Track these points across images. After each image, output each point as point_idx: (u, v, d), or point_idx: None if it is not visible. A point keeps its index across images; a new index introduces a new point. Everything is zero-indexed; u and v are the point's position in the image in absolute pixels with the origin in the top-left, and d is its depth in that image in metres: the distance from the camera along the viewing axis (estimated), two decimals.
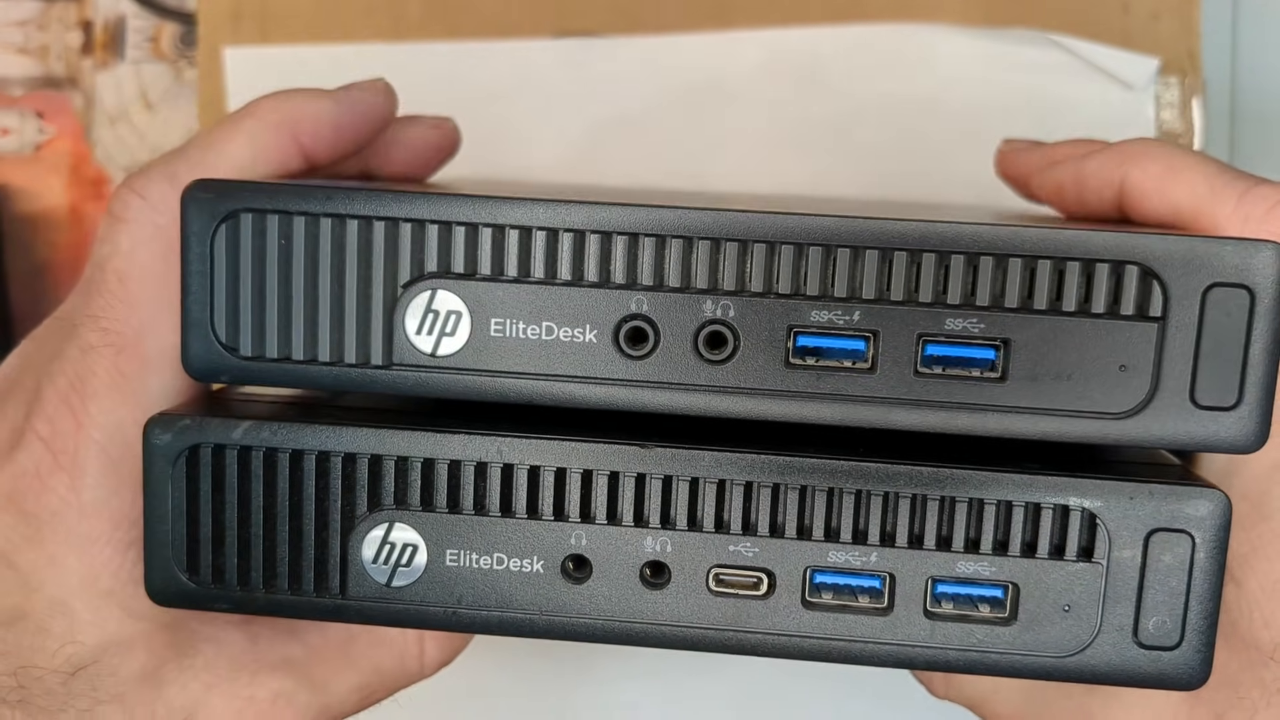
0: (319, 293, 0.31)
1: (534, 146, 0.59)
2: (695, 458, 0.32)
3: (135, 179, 0.34)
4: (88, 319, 0.34)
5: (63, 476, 0.34)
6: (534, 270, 0.31)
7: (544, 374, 0.31)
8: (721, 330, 0.31)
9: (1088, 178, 0.37)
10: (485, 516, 0.32)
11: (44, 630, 0.34)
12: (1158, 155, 0.35)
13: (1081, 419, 0.30)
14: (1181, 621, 0.31)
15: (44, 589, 0.34)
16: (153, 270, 0.34)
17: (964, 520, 0.31)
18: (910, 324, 0.30)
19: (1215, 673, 0.33)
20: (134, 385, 0.34)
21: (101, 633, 0.34)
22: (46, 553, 0.34)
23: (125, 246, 0.34)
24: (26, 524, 0.34)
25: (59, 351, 0.34)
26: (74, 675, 0.33)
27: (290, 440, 0.32)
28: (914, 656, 0.32)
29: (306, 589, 0.33)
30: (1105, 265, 0.30)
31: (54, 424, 0.34)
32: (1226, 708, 0.34)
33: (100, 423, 0.34)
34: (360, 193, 0.31)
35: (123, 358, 0.34)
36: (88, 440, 0.34)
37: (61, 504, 0.34)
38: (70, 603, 0.34)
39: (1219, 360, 0.30)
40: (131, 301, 0.34)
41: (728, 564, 0.32)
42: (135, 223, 0.34)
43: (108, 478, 0.34)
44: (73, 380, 0.34)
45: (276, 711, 0.35)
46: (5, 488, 0.34)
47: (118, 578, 0.34)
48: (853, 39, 0.59)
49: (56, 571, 0.34)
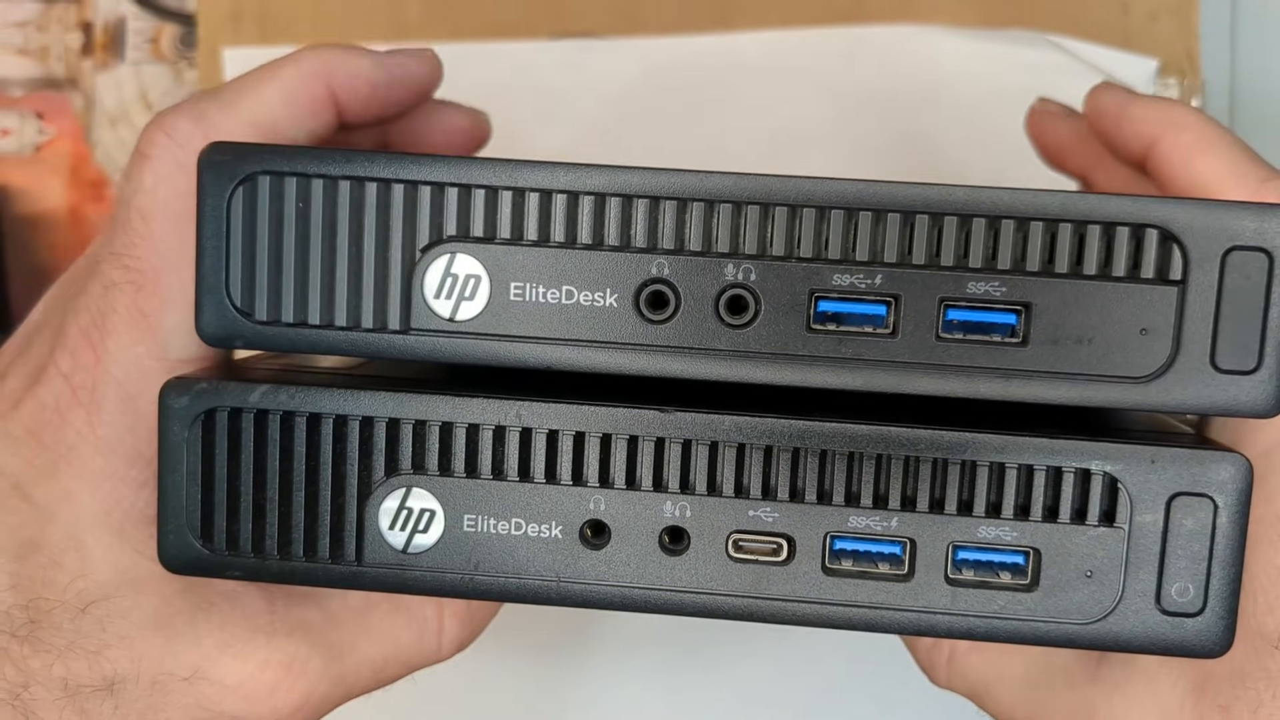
0: (336, 256, 0.31)
1: (534, 147, 0.59)
2: (715, 422, 0.31)
3: (163, 116, 0.34)
4: (110, 256, 0.34)
5: (80, 411, 0.34)
6: (554, 234, 0.31)
7: (563, 338, 0.31)
8: (743, 294, 0.31)
9: (1124, 125, 0.37)
10: (503, 481, 0.32)
11: (56, 564, 0.33)
12: (1193, 126, 0.35)
13: (1103, 383, 0.30)
14: (1204, 588, 0.31)
15: (58, 522, 0.34)
16: (175, 208, 0.34)
17: (985, 485, 0.31)
18: (932, 288, 0.30)
19: (1220, 662, 0.33)
20: (153, 322, 0.34)
21: (112, 569, 0.34)
22: (62, 486, 0.34)
23: (148, 184, 0.34)
24: (45, 457, 0.34)
25: (83, 288, 0.35)
26: (84, 611, 0.33)
27: (307, 403, 0.32)
28: (935, 623, 0.32)
29: (322, 556, 0.32)
30: (1125, 229, 0.30)
31: (75, 359, 0.34)
32: (1232, 699, 0.33)
33: (119, 359, 0.34)
34: (379, 156, 0.31)
35: (142, 295, 0.34)
36: (106, 376, 0.34)
37: (78, 438, 0.34)
38: (82, 537, 0.34)
39: (1239, 324, 0.30)
40: (153, 239, 0.34)
41: (747, 529, 0.32)
42: (159, 159, 0.34)
43: (125, 414, 0.34)
44: (94, 316, 0.34)
45: (290, 677, 0.34)
46: (27, 421, 0.34)
47: (129, 515, 0.34)
48: (852, 40, 0.59)
49: (71, 506, 0.34)
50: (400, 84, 0.38)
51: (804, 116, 0.59)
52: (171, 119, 0.34)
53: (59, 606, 0.33)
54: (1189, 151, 0.35)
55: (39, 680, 0.33)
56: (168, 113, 0.34)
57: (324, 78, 0.35)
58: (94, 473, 0.34)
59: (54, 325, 0.35)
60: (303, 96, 0.35)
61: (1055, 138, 0.44)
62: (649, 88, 0.59)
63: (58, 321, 0.35)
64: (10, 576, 0.34)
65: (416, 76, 0.39)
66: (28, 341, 0.36)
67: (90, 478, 0.34)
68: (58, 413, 0.34)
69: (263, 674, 0.34)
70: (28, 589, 0.33)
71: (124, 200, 0.34)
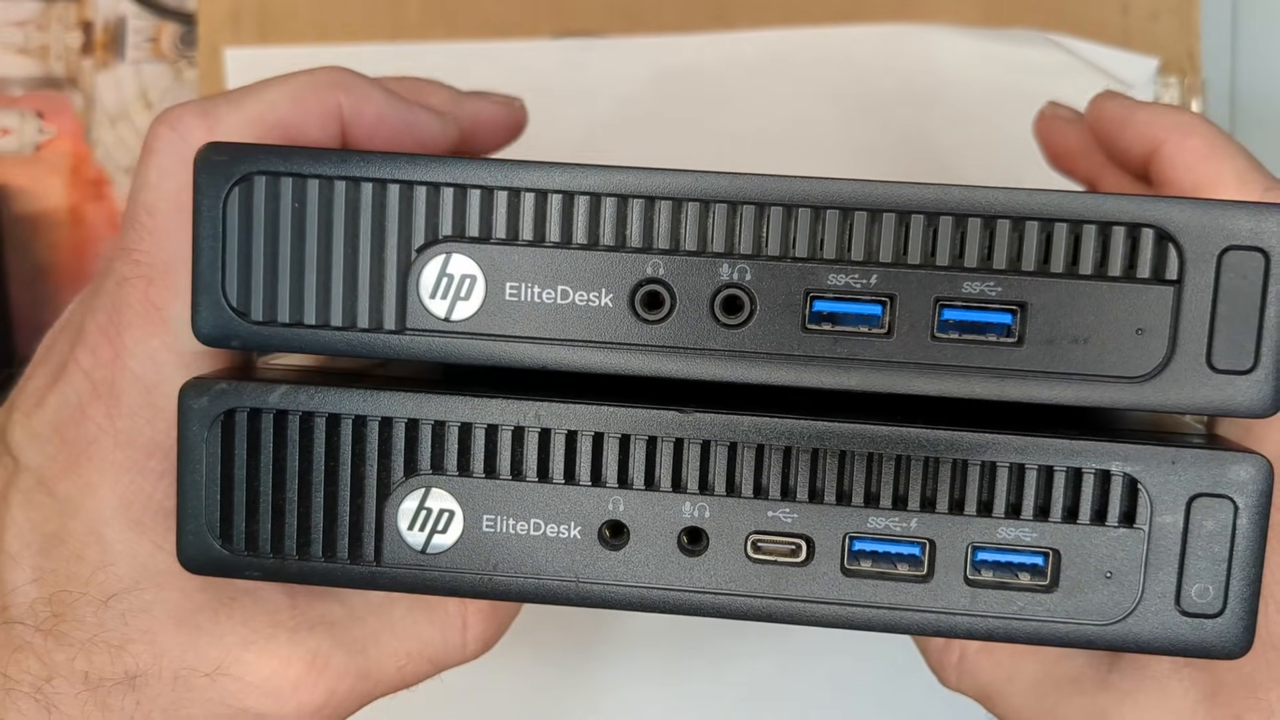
0: (332, 256, 0.31)
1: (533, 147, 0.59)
2: (734, 423, 0.31)
3: (170, 111, 0.35)
4: (122, 252, 0.34)
5: (100, 405, 0.34)
6: (549, 234, 0.31)
7: (559, 338, 0.31)
8: (738, 294, 0.31)
9: (1128, 129, 0.37)
10: (522, 482, 0.32)
11: (79, 557, 0.34)
12: (1200, 132, 0.35)
13: (1099, 383, 0.30)
14: (1224, 589, 0.31)
15: (80, 516, 0.34)
16: (182, 201, 0.34)
17: (1005, 485, 0.31)
18: (927, 288, 0.30)
19: (1231, 670, 0.33)
20: (166, 315, 0.34)
21: (132, 562, 0.34)
22: (83, 480, 0.34)
23: (154, 179, 0.34)
24: (67, 453, 0.34)
25: (99, 286, 0.35)
26: (106, 604, 0.33)
27: (327, 404, 0.32)
28: (954, 625, 0.32)
29: (341, 556, 0.32)
30: (1121, 229, 0.30)
31: (95, 355, 0.34)
32: (1244, 708, 0.33)
33: (135, 352, 0.34)
34: (374, 156, 0.31)
35: (154, 288, 0.34)
36: (124, 370, 0.34)
37: (99, 431, 0.34)
38: (103, 531, 0.34)
39: (1235, 323, 0.30)
40: (160, 233, 0.34)
41: (766, 530, 0.32)
42: (164, 154, 0.34)
43: (143, 407, 0.34)
44: (110, 312, 0.34)
45: (314, 673, 0.34)
46: (51, 418, 0.34)
47: (148, 508, 0.34)
48: (852, 39, 0.59)
49: (92, 499, 0.34)
50: (408, 129, 0.38)
51: (804, 115, 0.59)
52: (178, 113, 0.34)
53: (81, 599, 0.33)
54: (1195, 156, 0.35)
55: (61, 673, 0.33)
56: (175, 108, 0.35)
57: (336, 92, 0.36)
58: (114, 465, 0.34)
59: (75, 324, 0.35)
60: (312, 104, 0.35)
61: (1063, 142, 0.44)
62: (649, 87, 0.59)
63: (78, 320, 0.35)
64: (34, 570, 0.34)
65: (426, 131, 0.38)
66: (53, 341, 0.36)
67: (110, 471, 0.34)
68: (79, 408, 0.34)
69: (286, 670, 0.34)
70: (51, 583, 0.34)
71: (132, 196, 0.35)
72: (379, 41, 0.60)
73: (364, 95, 0.36)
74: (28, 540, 0.34)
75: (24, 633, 0.33)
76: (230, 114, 0.34)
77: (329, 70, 0.36)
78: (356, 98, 0.36)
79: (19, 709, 0.33)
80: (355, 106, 0.36)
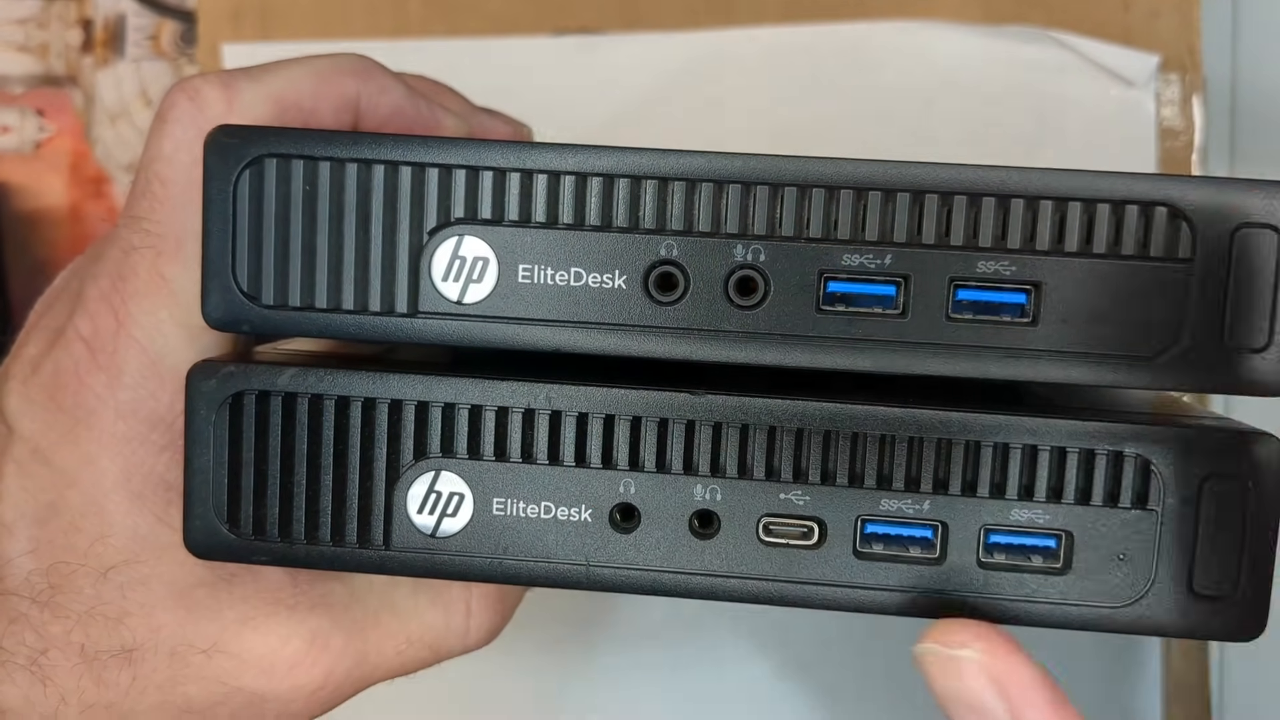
0: (344, 239, 0.31)
1: None
2: (745, 405, 0.31)
3: (188, 80, 0.34)
4: (130, 220, 0.34)
5: (101, 375, 0.33)
6: (562, 215, 0.31)
7: (572, 321, 0.31)
8: (752, 275, 0.30)
9: None
10: (533, 465, 0.32)
11: (76, 528, 0.33)
12: None
13: (1114, 362, 0.30)
14: (1237, 571, 0.31)
15: (78, 486, 0.33)
16: (195, 175, 0.33)
17: (1018, 467, 0.31)
18: (942, 268, 0.30)
19: None
20: (174, 287, 0.33)
21: (132, 534, 0.33)
22: (82, 450, 0.33)
23: (168, 149, 0.34)
24: (64, 421, 0.34)
25: (101, 253, 0.34)
26: (104, 576, 0.33)
27: (336, 386, 0.32)
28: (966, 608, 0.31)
29: (349, 540, 0.32)
30: (1134, 208, 0.30)
31: (95, 323, 0.34)
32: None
33: (140, 322, 0.33)
34: (386, 138, 0.31)
35: (163, 259, 0.33)
36: (128, 340, 0.33)
37: (98, 402, 0.33)
38: (102, 502, 0.33)
39: (1248, 302, 0.30)
40: (172, 205, 0.33)
41: (778, 513, 0.32)
42: (179, 124, 0.33)
43: (147, 379, 0.33)
44: (114, 280, 0.33)
45: (313, 653, 0.34)
46: (46, 385, 0.34)
47: (149, 480, 0.34)
48: (853, 36, 0.59)
49: (91, 470, 0.33)
50: (421, 127, 0.37)
51: (805, 112, 0.59)
52: (196, 84, 0.34)
53: (79, 570, 0.33)
54: None
55: (58, 646, 0.33)
56: (194, 77, 0.34)
57: (356, 79, 0.35)
58: (114, 437, 0.33)
59: (72, 291, 0.35)
60: (332, 86, 0.35)
61: None
62: (650, 84, 0.59)
63: (76, 286, 0.35)
64: (30, 541, 0.33)
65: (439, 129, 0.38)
66: (47, 308, 0.36)
67: (110, 442, 0.33)
68: (76, 376, 0.33)
69: (284, 649, 0.34)
70: (48, 553, 0.33)
71: (144, 165, 0.34)
72: (380, 38, 0.60)
73: (383, 86, 0.36)
74: (23, 510, 0.34)
75: (20, 604, 0.33)
76: (250, 88, 0.34)
77: (351, 56, 0.36)
78: (376, 87, 0.36)
79: (14, 681, 0.33)
80: (373, 96, 0.36)
